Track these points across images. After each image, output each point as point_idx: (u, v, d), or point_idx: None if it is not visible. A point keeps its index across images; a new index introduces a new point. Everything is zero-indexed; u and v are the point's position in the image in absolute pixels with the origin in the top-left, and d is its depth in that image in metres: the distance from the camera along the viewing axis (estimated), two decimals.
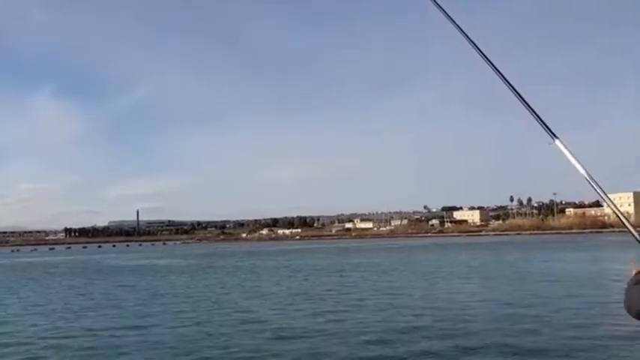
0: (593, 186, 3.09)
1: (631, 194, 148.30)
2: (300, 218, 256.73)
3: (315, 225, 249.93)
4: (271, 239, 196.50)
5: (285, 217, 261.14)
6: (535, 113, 3.27)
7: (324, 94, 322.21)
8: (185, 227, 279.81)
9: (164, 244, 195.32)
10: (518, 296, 22.12)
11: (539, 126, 3.22)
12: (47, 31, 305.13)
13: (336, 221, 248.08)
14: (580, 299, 20.37)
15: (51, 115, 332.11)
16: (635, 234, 2.87)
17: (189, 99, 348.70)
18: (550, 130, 3.20)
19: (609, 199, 3.15)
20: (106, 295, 27.94)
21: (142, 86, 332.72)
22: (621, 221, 2.98)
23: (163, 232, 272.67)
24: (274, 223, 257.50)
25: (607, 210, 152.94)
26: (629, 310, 2.57)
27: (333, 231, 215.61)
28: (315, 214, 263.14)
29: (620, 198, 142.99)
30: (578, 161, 3.11)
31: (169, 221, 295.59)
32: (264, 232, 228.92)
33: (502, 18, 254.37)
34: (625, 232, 3.01)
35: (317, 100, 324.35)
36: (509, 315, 17.37)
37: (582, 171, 3.11)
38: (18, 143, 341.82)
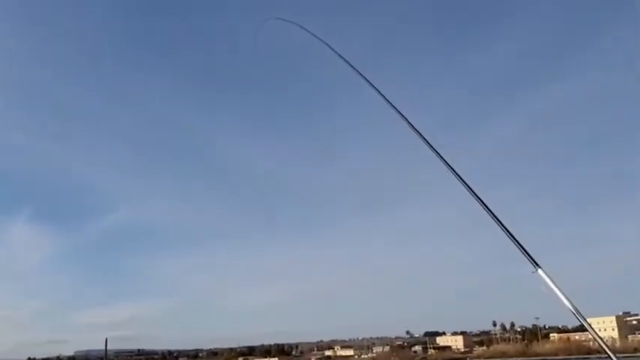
0: (577, 316, 3.17)
1: (614, 318, 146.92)
2: (277, 346, 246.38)
3: (294, 353, 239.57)
4: None
5: (262, 345, 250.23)
6: (518, 243, 3.32)
7: (304, 214, 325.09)
8: (155, 357, 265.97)
9: None
10: None
11: (523, 255, 3.27)
12: (25, 154, 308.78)
13: (316, 348, 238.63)
14: None
15: (25, 239, 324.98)
16: (604, 345, 2.88)
17: (166, 223, 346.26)
18: (533, 260, 3.26)
19: (593, 329, 3.27)
20: None
21: (118, 211, 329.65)
22: (604, 350, 2.98)
23: None
24: (250, 351, 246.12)
25: (592, 335, 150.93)
26: None
27: (313, 359, 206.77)
28: (293, 340, 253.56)
29: (604, 322, 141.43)
30: (561, 291, 3.18)
31: (139, 350, 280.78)
32: None
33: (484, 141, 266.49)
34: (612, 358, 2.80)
35: (297, 221, 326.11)
36: None
37: (566, 301, 3.18)
38: None
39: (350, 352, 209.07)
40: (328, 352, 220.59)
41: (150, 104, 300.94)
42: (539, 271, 3.29)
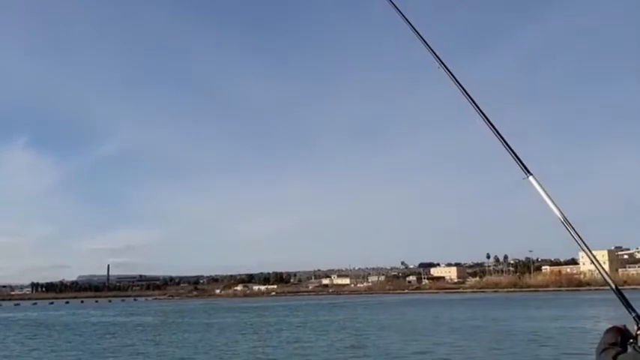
0: (567, 227, 3.04)
1: (605, 252, 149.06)
2: (276, 274, 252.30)
3: (292, 281, 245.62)
4: (246, 295, 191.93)
5: (261, 273, 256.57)
6: (510, 148, 3.30)
7: (303, 147, 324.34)
8: (157, 283, 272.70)
9: (135, 299, 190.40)
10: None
11: (515, 162, 3.25)
12: (23, 79, 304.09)
13: (313, 277, 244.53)
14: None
15: (23, 166, 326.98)
16: (612, 284, 2.88)
17: (164, 152, 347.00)
18: (524, 166, 3.22)
19: (584, 242, 3.06)
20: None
21: (117, 138, 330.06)
22: (601, 274, 2.99)
23: (134, 288, 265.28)
24: (249, 279, 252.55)
25: (583, 268, 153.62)
26: None
27: (310, 287, 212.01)
28: (291, 269, 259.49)
29: (596, 255, 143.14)
30: (552, 200, 3.08)
31: (140, 276, 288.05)
32: (239, 288, 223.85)
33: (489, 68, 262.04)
34: (602, 290, 2.34)
35: (296, 154, 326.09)
36: None
37: (555, 210, 3.06)
38: None
39: (346, 281, 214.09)
40: (325, 281, 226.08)
41: (148, 32, 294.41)
42: (530, 178, 3.19)
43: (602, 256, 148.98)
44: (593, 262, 3.16)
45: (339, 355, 22.80)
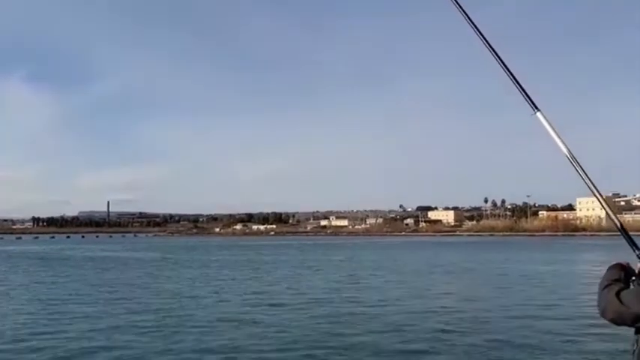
0: (572, 163, 3.05)
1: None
2: (275, 214, 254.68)
3: (291, 221, 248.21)
4: (245, 234, 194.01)
5: (260, 213, 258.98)
6: (518, 83, 3.29)
7: (304, 91, 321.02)
8: (157, 220, 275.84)
9: (135, 235, 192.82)
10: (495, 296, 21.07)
11: (523, 98, 3.26)
12: (21, 11, 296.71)
13: (312, 218, 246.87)
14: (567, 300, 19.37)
15: (22, 100, 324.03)
16: (617, 222, 2.92)
17: (165, 90, 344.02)
18: (532, 102, 3.22)
19: (589, 178, 3.06)
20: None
21: (117, 76, 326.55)
22: (606, 212, 3.03)
23: (134, 224, 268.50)
24: (249, 218, 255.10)
25: (579, 214, 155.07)
26: (602, 314, 2.58)
27: (309, 228, 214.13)
28: (290, 210, 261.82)
29: (593, 202, 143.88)
30: (559, 136, 3.09)
31: (140, 213, 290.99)
32: (238, 227, 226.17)
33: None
34: (597, 236, 2.12)
35: (298, 97, 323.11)
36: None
37: (562, 146, 3.09)
38: None
39: (344, 223, 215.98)
40: (324, 222, 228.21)
41: None
42: (538, 114, 3.18)
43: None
44: (598, 198, 3.08)
45: (333, 292, 22.81)
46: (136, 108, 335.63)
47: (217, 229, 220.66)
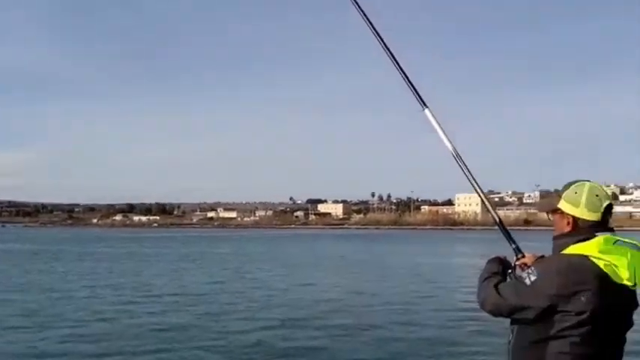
0: (457, 160, 3.14)
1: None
2: (158, 205, 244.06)
3: (175, 213, 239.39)
4: (125, 226, 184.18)
5: (142, 204, 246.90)
6: (408, 80, 3.37)
7: (189, 78, 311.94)
8: (27, 209, 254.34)
9: (3, 226, 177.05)
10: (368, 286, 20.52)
11: (412, 95, 3.33)
12: None
13: (198, 210, 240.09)
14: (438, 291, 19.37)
15: None
16: (497, 217, 3.04)
17: (42, 68, 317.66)
18: (421, 99, 3.31)
19: (472, 175, 3.16)
20: None
21: None
22: (489, 210, 3.13)
23: (3, 213, 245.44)
24: (130, 209, 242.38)
25: (457, 209, 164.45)
26: (482, 305, 2.67)
27: (195, 220, 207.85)
28: (175, 201, 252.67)
29: (470, 198, 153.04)
30: (444, 132, 3.19)
31: (9, 202, 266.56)
32: (118, 218, 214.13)
33: None
34: (473, 229, 2.49)
35: (184, 84, 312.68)
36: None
37: (447, 143, 3.18)
38: None
39: (233, 215, 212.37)
40: (211, 214, 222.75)
41: None
42: (426, 110, 3.29)
43: (476, 198, 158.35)
44: (480, 195, 3.19)
45: (216, 286, 21.29)
46: (7, 88, 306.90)
47: (95, 220, 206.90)
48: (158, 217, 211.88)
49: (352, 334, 11.84)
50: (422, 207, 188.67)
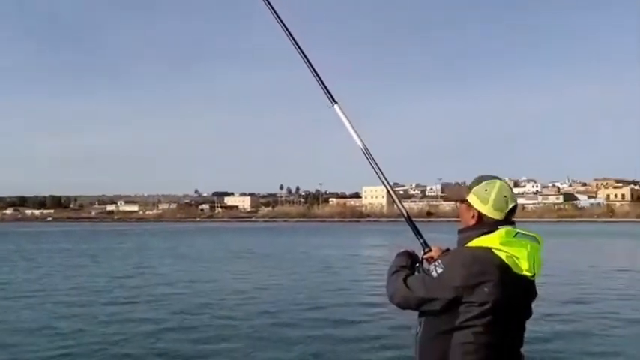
0: (365, 155, 3.21)
1: (384, 188, 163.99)
2: (53, 198, 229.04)
3: (72, 206, 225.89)
4: (17, 220, 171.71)
5: (36, 197, 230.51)
6: (319, 77, 3.40)
7: (105, 67, 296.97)
8: None
9: None
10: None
11: (322, 91, 3.37)
12: None
13: (97, 203, 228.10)
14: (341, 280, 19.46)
15: None
16: (405, 212, 3.18)
17: None
18: (330, 95, 3.34)
19: (380, 170, 3.24)
20: None
21: None
22: (397, 206, 3.27)
23: None
24: (21, 202, 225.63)
25: (364, 201, 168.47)
26: (391, 298, 2.74)
27: (93, 213, 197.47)
28: (71, 194, 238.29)
29: (376, 191, 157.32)
30: (354, 128, 3.26)
31: None
32: (9, 212, 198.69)
33: None
34: (379, 221, 2.66)
35: (94, 73, 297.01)
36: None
37: (357, 139, 3.25)
38: None
39: (134, 208, 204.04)
40: (110, 207, 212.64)
41: None
42: (336, 106, 3.35)
43: (382, 191, 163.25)
44: (388, 190, 3.33)
45: (113, 282, 19.93)
46: None
47: None
48: (53, 211, 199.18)
49: (259, 331, 11.17)
50: (330, 200, 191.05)
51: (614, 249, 38.51)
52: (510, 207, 2.70)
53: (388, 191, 3.35)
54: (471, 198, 2.72)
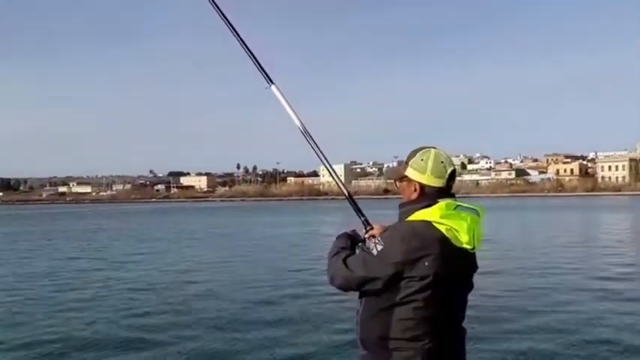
0: (304, 134, 3.18)
1: (342, 166, 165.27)
2: (1, 180, 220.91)
3: (22, 188, 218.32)
4: None
5: None
6: (254, 58, 3.32)
7: (41, 44, 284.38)
8: None
9: None
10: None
11: (259, 72, 3.30)
12: None
13: (48, 184, 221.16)
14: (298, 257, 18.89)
15: None
16: (346, 192, 3.23)
17: None
18: (267, 75, 3.28)
19: (320, 149, 3.22)
20: None
21: None
22: (337, 183, 3.31)
23: None
24: None
25: (322, 180, 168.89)
26: (331, 281, 2.72)
27: (44, 195, 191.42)
28: (21, 176, 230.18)
29: (332, 166, 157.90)
30: (293, 109, 3.21)
31: None
32: None
33: None
34: (337, 199, 2.69)
35: (30, 51, 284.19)
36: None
37: (295, 119, 3.21)
38: None
39: (87, 189, 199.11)
40: (62, 189, 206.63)
41: None
42: (273, 87, 3.28)
43: (340, 169, 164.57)
44: (328, 169, 3.30)
45: (59, 262, 19.71)
46: None
47: None
48: (1, 194, 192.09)
49: (218, 316, 10.65)
50: (288, 178, 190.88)
51: (562, 222, 39.79)
52: (449, 172, 2.64)
53: (329, 170, 3.32)
54: (409, 171, 2.68)
